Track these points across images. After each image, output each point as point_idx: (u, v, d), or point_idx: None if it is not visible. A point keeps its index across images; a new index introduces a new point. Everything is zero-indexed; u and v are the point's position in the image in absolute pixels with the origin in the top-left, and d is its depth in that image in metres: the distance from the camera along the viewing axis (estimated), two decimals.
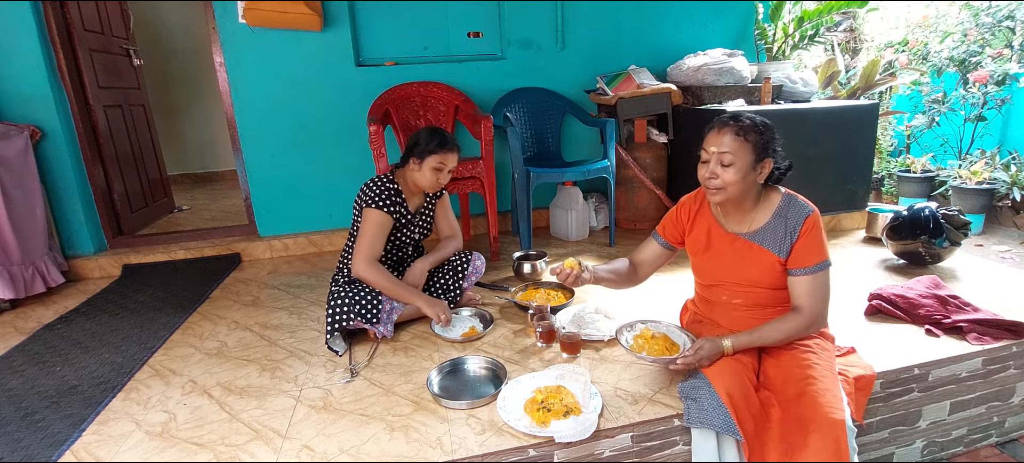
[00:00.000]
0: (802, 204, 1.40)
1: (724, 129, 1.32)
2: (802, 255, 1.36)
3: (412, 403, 1.54)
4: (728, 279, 1.50)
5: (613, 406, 1.47)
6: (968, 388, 1.72)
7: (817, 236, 1.36)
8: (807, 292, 1.37)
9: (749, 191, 1.38)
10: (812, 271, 1.36)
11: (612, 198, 2.95)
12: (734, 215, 1.45)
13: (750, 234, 1.42)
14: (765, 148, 1.33)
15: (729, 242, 1.46)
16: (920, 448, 1.74)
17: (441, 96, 3.07)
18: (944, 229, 2.31)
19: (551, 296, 2.18)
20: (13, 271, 2.47)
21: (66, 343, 2.11)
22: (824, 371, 1.32)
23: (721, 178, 1.33)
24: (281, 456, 1.34)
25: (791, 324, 1.37)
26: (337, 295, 1.84)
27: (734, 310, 1.52)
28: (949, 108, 3.82)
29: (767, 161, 1.35)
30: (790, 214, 1.38)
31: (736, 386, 1.32)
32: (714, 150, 1.33)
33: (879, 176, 4.18)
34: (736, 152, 1.31)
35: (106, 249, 3.06)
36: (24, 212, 2.56)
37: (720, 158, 1.32)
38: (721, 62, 3.06)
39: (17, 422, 1.59)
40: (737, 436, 1.26)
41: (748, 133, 1.31)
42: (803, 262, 1.36)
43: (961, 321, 1.77)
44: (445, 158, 1.94)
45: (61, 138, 2.78)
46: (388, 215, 1.93)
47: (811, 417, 1.22)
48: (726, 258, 1.48)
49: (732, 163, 1.31)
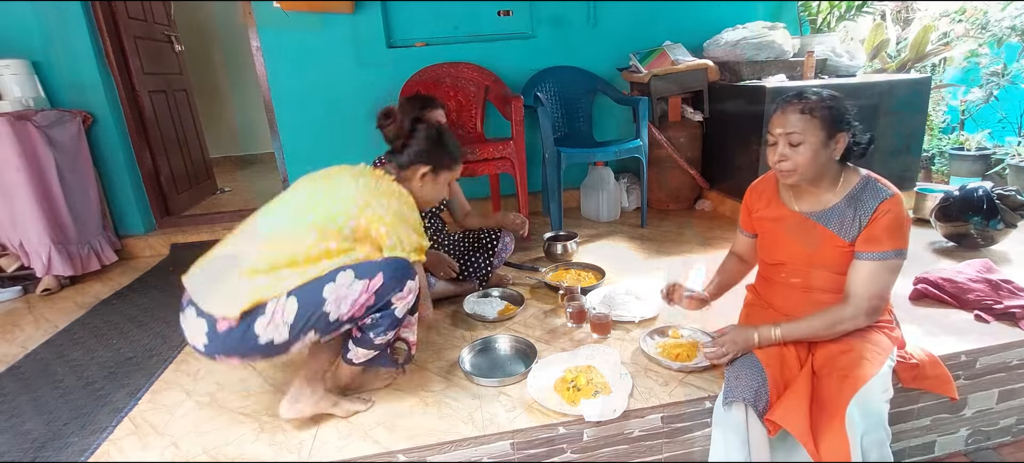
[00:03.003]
0: (881, 188, 1.29)
1: (788, 107, 1.27)
2: (871, 240, 1.26)
3: (444, 380, 1.58)
4: (790, 258, 1.43)
5: (643, 386, 1.47)
6: (1019, 377, 1.64)
7: (892, 222, 1.25)
8: (862, 279, 1.27)
9: (825, 170, 1.30)
10: (876, 258, 1.25)
11: (644, 178, 2.91)
12: (807, 196, 1.38)
13: (818, 214, 1.35)
14: (837, 121, 1.26)
15: (797, 221, 1.38)
16: (965, 437, 1.68)
17: (472, 76, 3.07)
18: (999, 210, 2.19)
19: (581, 277, 2.18)
20: (71, 250, 2.63)
21: (121, 317, 2.24)
22: (872, 366, 1.25)
23: (792, 160, 1.27)
24: (320, 423, 1.40)
25: (833, 314, 1.28)
26: None
27: (791, 289, 1.45)
28: (1009, 81, 3.57)
29: (841, 135, 1.26)
30: (865, 197, 1.29)
31: (776, 354, 1.30)
32: (780, 131, 1.28)
33: (929, 154, 3.97)
34: (804, 130, 1.25)
35: (155, 229, 3.21)
36: (79, 194, 2.70)
37: (788, 138, 1.27)
38: (761, 36, 2.94)
39: (79, 390, 1.71)
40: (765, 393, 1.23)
41: (815, 109, 1.25)
42: (870, 247, 1.26)
43: (1014, 307, 1.69)
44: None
45: (110, 123, 2.92)
46: None
47: (839, 405, 1.18)
48: (790, 236, 1.40)
49: (801, 142, 1.25)
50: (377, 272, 1.27)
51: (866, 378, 1.21)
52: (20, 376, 1.83)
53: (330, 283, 1.24)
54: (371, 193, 1.33)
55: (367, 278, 1.25)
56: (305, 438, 1.36)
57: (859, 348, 1.28)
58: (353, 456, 1.30)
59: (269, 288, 1.22)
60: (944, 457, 1.68)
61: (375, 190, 1.34)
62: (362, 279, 1.25)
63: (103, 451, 1.41)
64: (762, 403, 1.24)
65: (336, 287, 1.23)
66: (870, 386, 1.20)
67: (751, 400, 1.23)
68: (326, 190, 1.33)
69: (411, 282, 1.32)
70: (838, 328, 1.29)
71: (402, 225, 1.34)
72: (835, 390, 1.22)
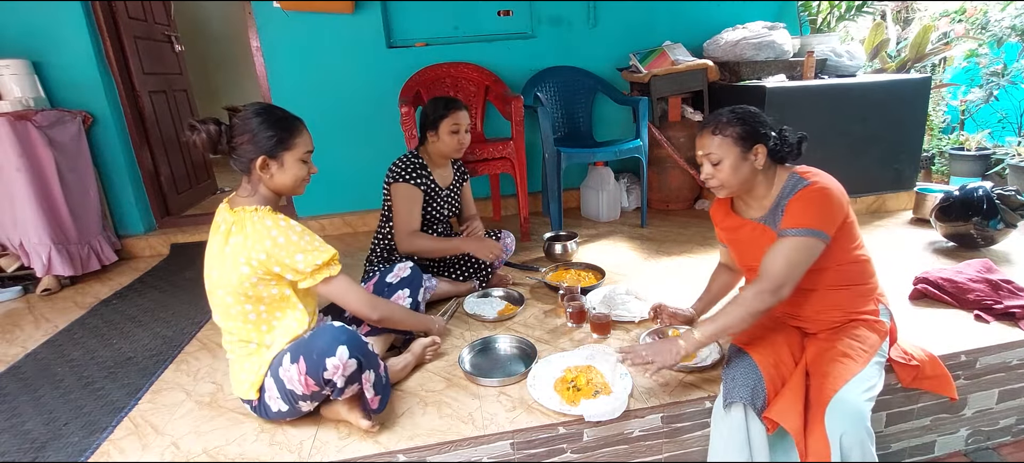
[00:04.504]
0: (801, 180, 1.34)
1: (703, 132, 1.38)
2: (785, 221, 1.31)
3: (444, 379, 1.58)
4: (758, 263, 1.46)
5: (643, 386, 1.47)
6: (1019, 377, 1.64)
7: (802, 203, 1.29)
8: (770, 257, 1.30)
9: (751, 179, 1.37)
10: (786, 235, 1.28)
11: (644, 178, 2.91)
12: (753, 204, 1.45)
13: (763, 218, 1.42)
14: (750, 136, 1.33)
15: (750, 229, 1.45)
16: (964, 437, 1.68)
17: (471, 76, 3.07)
18: (999, 210, 2.19)
19: (581, 277, 2.18)
20: (71, 250, 2.63)
21: (121, 317, 2.24)
22: (855, 365, 1.27)
23: (717, 177, 1.38)
24: (319, 425, 1.40)
25: (741, 298, 1.30)
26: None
27: None
28: (1009, 81, 3.58)
29: (758, 147, 1.34)
30: (787, 191, 1.35)
31: (770, 353, 1.32)
32: (701, 153, 1.39)
33: (929, 154, 3.97)
34: (719, 149, 1.34)
35: (155, 229, 3.21)
36: (79, 194, 2.71)
37: (709, 159, 1.37)
38: (761, 36, 2.94)
39: (79, 390, 1.71)
40: (762, 391, 1.25)
41: (725, 128, 1.34)
42: (784, 225, 1.30)
43: (1014, 307, 1.69)
44: (456, 117, 1.97)
45: (111, 123, 2.92)
46: (416, 187, 1.96)
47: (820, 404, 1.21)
48: (748, 244, 1.47)
49: (720, 160, 1.35)
50: (298, 356, 1.25)
51: (845, 378, 1.23)
52: (20, 376, 1.83)
53: (280, 366, 1.29)
54: (243, 249, 1.25)
55: (295, 362, 1.26)
56: (305, 438, 1.36)
57: (841, 347, 1.31)
58: (353, 456, 1.30)
59: (256, 366, 1.33)
60: (944, 457, 1.68)
61: (244, 247, 1.26)
62: (293, 363, 1.26)
63: (103, 451, 1.41)
64: (759, 400, 1.25)
65: (284, 369, 1.28)
66: (850, 386, 1.22)
67: (748, 399, 1.24)
68: (210, 265, 1.33)
69: (331, 360, 1.21)
70: (751, 308, 1.29)
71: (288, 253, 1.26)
72: (817, 389, 1.25)
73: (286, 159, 1.31)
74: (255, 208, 1.30)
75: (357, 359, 1.25)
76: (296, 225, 1.30)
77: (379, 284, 1.74)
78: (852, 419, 1.18)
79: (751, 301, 1.29)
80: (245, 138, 1.28)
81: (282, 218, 1.30)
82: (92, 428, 1.50)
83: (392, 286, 1.73)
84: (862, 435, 1.18)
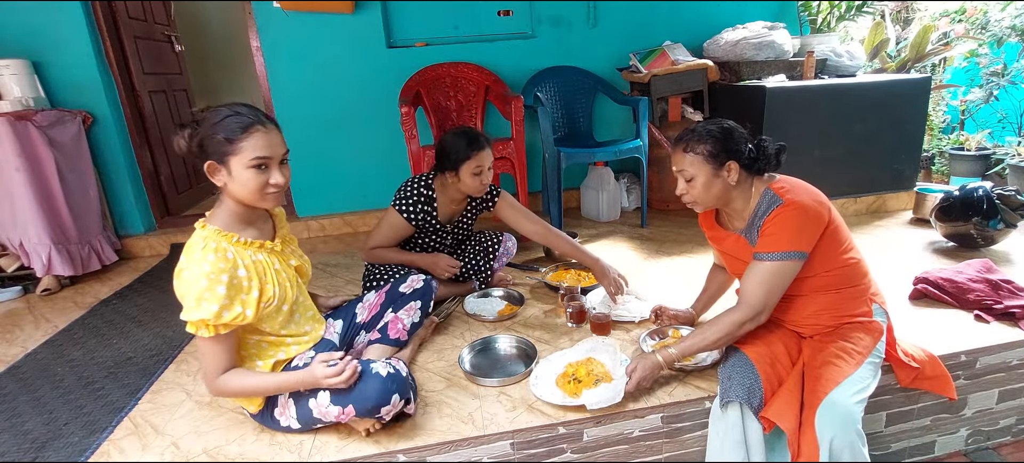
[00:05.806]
0: (776, 197, 1.32)
1: (676, 149, 1.40)
2: (761, 244, 1.32)
3: (444, 379, 1.58)
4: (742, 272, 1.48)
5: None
6: (1019, 377, 1.64)
7: (777, 226, 1.29)
8: (750, 282, 1.32)
9: (726, 194, 1.38)
10: (763, 258, 1.30)
11: (644, 178, 2.91)
12: (733, 217, 1.45)
13: (743, 231, 1.42)
14: (721, 152, 1.33)
15: (733, 241, 1.46)
16: (964, 437, 1.68)
17: (471, 76, 3.07)
18: (999, 210, 2.19)
19: (582, 277, 2.18)
20: (71, 249, 2.63)
21: (121, 317, 2.24)
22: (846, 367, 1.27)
23: (690, 193, 1.39)
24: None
25: (726, 321, 1.33)
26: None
27: None
28: (1009, 81, 3.58)
29: (730, 163, 1.34)
30: (762, 208, 1.35)
31: (767, 352, 1.33)
32: (676, 169, 1.41)
33: (929, 154, 3.97)
34: (691, 166, 1.36)
35: (155, 229, 3.21)
36: (79, 194, 2.70)
37: (681, 175, 1.39)
38: (761, 36, 2.94)
39: (79, 390, 1.71)
40: (759, 390, 1.25)
41: (696, 146, 1.35)
42: (760, 249, 1.32)
43: (1014, 307, 1.69)
44: (479, 159, 1.80)
45: (111, 123, 2.92)
46: (406, 222, 1.90)
47: (812, 407, 1.21)
48: (733, 255, 1.49)
49: (693, 177, 1.36)
50: (347, 403, 1.25)
51: (836, 381, 1.23)
52: (20, 376, 1.83)
53: (313, 399, 1.28)
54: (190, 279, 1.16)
55: (339, 405, 1.26)
56: (305, 438, 1.36)
57: (835, 348, 1.31)
58: (353, 456, 1.30)
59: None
60: (944, 457, 1.68)
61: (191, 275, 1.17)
62: (336, 405, 1.26)
63: (103, 451, 1.41)
64: (756, 399, 1.26)
65: (320, 406, 1.28)
66: (840, 388, 1.22)
67: (744, 399, 1.25)
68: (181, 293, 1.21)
69: (386, 408, 1.25)
70: (731, 333, 1.34)
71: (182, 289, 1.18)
72: (810, 391, 1.26)
73: (232, 164, 1.18)
74: (202, 223, 1.26)
75: (405, 399, 1.31)
76: (213, 266, 1.14)
77: (392, 292, 1.66)
78: (842, 421, 1.18)
79: (730, 327, 1.33)
80: (197, 141, 1.20)
81: (207, 251, 1.16)
82: (92, 428, 1.50)
83: (405, 297, 1.64)
84: (852, 437, 1.18)
